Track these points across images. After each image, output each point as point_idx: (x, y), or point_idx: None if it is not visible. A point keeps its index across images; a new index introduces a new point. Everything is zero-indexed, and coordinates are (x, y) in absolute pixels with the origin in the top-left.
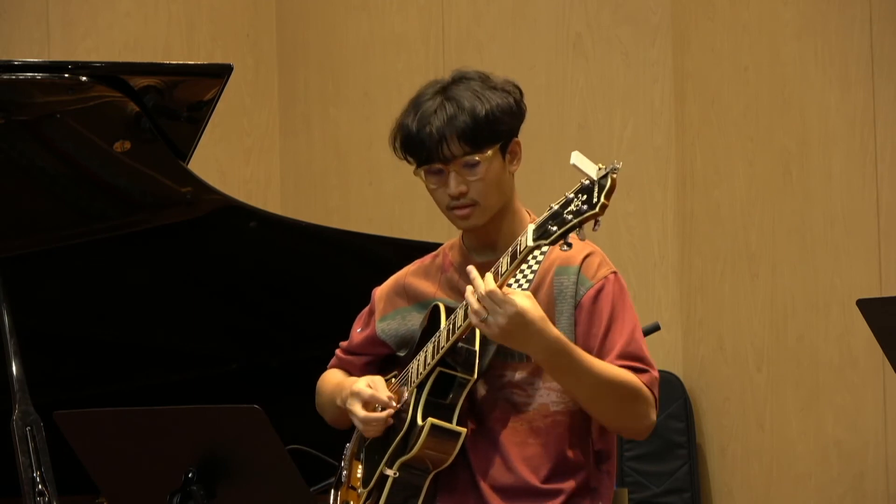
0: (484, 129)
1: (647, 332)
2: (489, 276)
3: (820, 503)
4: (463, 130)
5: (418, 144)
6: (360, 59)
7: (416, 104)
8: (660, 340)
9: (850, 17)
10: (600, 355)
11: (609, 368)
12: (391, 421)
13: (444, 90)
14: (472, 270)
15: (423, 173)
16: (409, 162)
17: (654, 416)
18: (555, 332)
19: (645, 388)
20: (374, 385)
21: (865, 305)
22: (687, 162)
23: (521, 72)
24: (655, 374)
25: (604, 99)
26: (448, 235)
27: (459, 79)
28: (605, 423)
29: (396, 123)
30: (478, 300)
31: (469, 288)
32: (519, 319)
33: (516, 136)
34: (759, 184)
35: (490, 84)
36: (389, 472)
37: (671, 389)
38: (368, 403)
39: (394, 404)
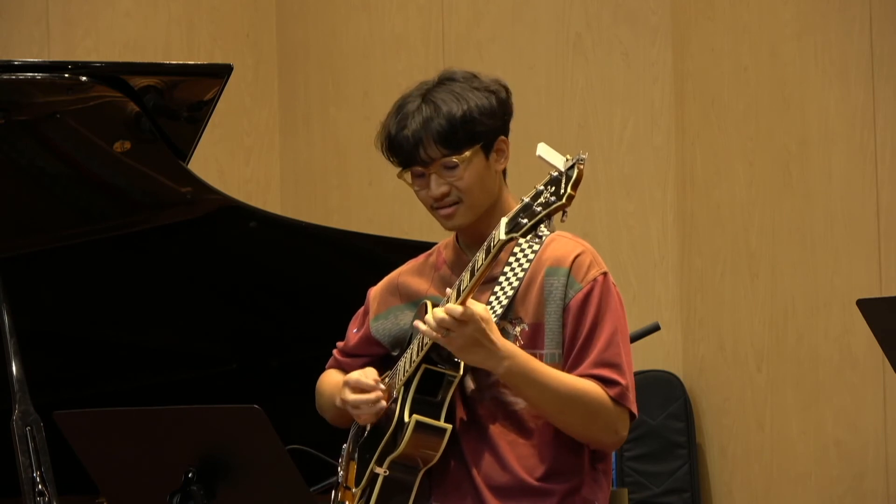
0: (460, 131)
1: (646, 333)
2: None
3: (820, 503)
4: (438, 133)
5: (398, 147)
6: (360, 59)
7: (399, 106)
8: (660, 340)
9: (850, 17)
10: (579, 360)
11: (572, 381)
12: (384, 404)
13: (426, 92)
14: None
15: (407, 175)
16: (393, 164)
17: (624, 431)
18: (511, 343)
19: (610, 402)
20: (364, 373)
21: (865, 305)
22: (687, 162)
23: (521, 72)
24: (627, 382)
25: (604, 99)
26: (447, 235)
27: (445, 80)
28: (574, 436)
29: (382, 125)
30: (437, 321)
31: (424, 320)
32: (483, 324)
33: (503, 135)
34: (759, 184)
35: (474, 84)
36: (379, 470)
37: (671, 389)
38: (356, 389)
39: (382, 387)
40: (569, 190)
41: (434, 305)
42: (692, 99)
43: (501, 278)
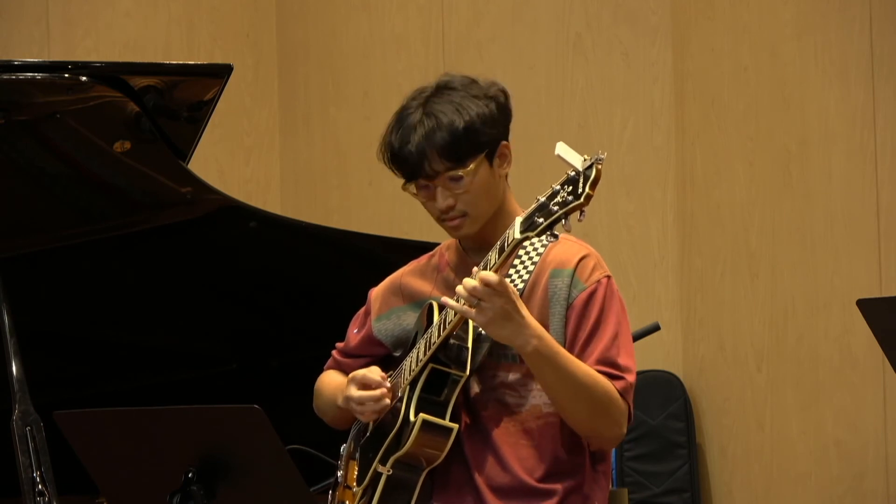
0: (463, 143)
1: (646, 333)
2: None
3: (820, 503)
4: (442, 147)
5: (402, 162)
6: (360, 59)
7: (399, 119)
8: (660, 340)
9: (850, 17)
10: (581, 358)
11: (588, 369)
12: (386, 402)
13: (426, 103)
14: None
15: (412, 188)
16: (397, 176)
17: (625, 428)
18: (538, 323)
19: (618, 395)
20: (371, 370)
21: (865, 305)
22: (687, 162)
23: (521, 72)
24: (631, 379)
25: (604, 99)
26: (448, 236)
27: (443, 88)
28: (578, 428)
29: (382, 138)
30: (470, 290)
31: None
32: (515, 298)
33: (504, 140)
34: (759, 184)
35: (473, 92)
36: (383, 469)
37: (671, 389)
38: (362, 385)
39: (387, 384)
40: (587, 190)
41: (440, 307)
42: (692, 99)
43: (506, 280)
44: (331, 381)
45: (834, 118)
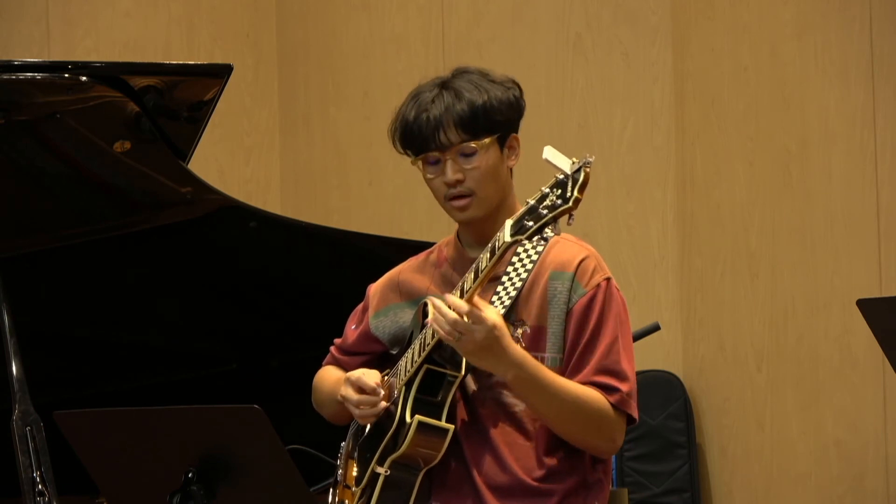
0: (481, 118)
1: (646, 333)
2: (454, 298)
3: (820, 503)
4: (460, 117)
5: (416, 132)
6: (360, 59)
7: (415, 96)
8: (660, 340)
9: (850, 17)
10: (579, 365)
11: (577, 389)
12: (384, 405)
13: (444, 83)
14: (432, 301)
15: (420, 163)
16: (407, 154)
17: (620, 439)
18: (521, 349)
19: (611, 412)
20: (366, 373)
21: (865, 305)
22: (687, 162)
23: (521, 72)
24: (628, 388)
25: (604, 99)
26: (448, 235)
27: (460, 73)
28: (571, 442)
29: (395, 115)
30: (450, 323)
31: (442, 309)
32: (496, 333)
33: (515, 132)
34: (759, 184)
35: (490, 78)
36: (380, 470)
37: (671, 389)
38: (357, 388)
39: (382, 391)
40: (575, 193)
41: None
42: (692, 99)
43: (504, 278)
44: (329, 376)
45: (834, 118)
